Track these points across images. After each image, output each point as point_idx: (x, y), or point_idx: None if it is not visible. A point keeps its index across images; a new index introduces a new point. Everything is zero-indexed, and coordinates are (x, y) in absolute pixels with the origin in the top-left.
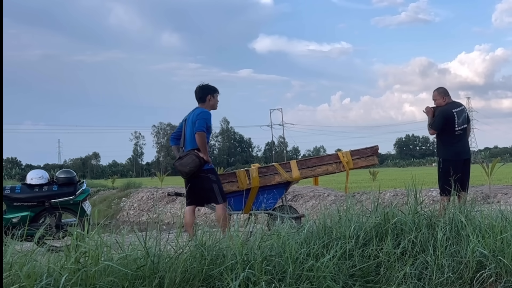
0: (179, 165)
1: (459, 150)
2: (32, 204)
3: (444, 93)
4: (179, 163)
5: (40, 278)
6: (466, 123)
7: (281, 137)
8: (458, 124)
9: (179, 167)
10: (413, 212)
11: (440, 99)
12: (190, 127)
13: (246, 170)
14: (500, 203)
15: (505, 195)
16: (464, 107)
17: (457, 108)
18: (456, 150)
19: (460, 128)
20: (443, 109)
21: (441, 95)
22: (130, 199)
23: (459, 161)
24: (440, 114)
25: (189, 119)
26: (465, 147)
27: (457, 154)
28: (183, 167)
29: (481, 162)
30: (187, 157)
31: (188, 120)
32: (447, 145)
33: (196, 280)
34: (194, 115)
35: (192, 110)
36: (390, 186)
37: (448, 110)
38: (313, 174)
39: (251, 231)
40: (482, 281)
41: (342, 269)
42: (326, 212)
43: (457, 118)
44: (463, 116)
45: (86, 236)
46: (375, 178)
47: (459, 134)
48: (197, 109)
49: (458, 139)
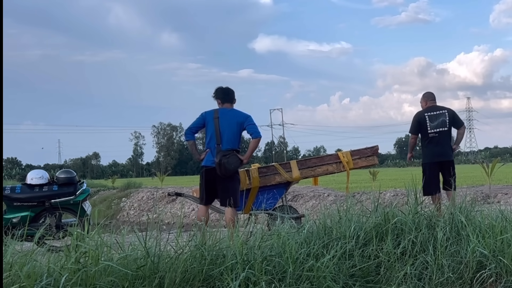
0: (226, 163)
1: (434, 153)
2: (32, 204)
3: (428, 97)
4: (226, 161)
5: (40, 278)
6: (444, 127)
7: (281, 137)
8: (431, 127)
9: (226, 165)
10: (413, 212)
11: (423, 103)
12: (232, 127)
13: (246, 170)
14: (500, 203)
15: (505, 195)
16: (445, 112)
17: (432, 112)
18: (430, 152)
19: (434, 131)
20: (416, 113)
21: (425, 99)
22: (130, 199)
23: (434, 163)
24: (413, 118)
25: (226, 118)
26: (442, 150)
27: (432, 156)
28: (229, 165)
29: (481, 162)
30: (232, 157)
31: (225, 119)
32: (423, 148)
33: (196, 280)
34: (237, 116)
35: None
36: (390, 186)
37: (420, 113)
38: (313, 174)
39: (251, 231)
40: (482, 281)
41: (342, 269)
42: (326, 212)
43: (430, 121)
44: (439, 120)
45: (86, 236)
46: (375, 178)
47: (433, 136)
48: (236, 111)
49: (434, 142)
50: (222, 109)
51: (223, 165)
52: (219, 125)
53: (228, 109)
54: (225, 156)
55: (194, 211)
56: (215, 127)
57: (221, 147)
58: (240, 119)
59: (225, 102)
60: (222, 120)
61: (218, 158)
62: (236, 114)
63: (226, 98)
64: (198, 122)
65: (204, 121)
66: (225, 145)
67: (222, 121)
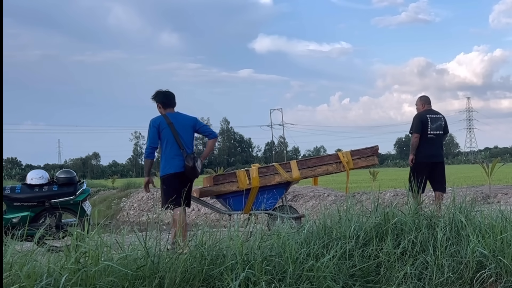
0: (197, 167)
1: (429, 154)
2: (32, 204)
3: (425, 101)
4: (197, 164)
5: (40, 278)
6: (440, 130)
7: (281, 137)
8: (431, 128)
9: (197, 168)
10: (413, 212)
11: (420, 105)
12: (188, 131)
13: (246, 170)
14: (500, 203)
15: (505, 195)
16: (442, 117)
17: (433, 114)
18: (427, 153)
19: (433, 133)
20: (418, 114)
21: (422, 102)
22: (130, 199)
23: (428, 163)
24: (416, 118)
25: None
26: (437, 152)
27: (427, 157)
28: (199, 169)
29: (481, 162)
30: (199, 160)
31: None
32: (419, 147)
33: (196, 280)
34: (188, 119)
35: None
36: (390, 186)
37: (423, 114)
38: (313, 174)
39: (251, 231)
40: (482, 281)
41: (342, 269)
42: (326, 212)
43: (431, 123)
44: (438, 123)
45: (86, 236)
46: (375, 178)
47: (431, 138)
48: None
49: (430, 144)
50: (170, 114)
51: (196, 168)
52: (176, 130)
53: (176, 114)
54: (194, 159)
55: (194, 211)
56: (173, 133)
57: (186, 151)
58: (191, 122)
59: (167, 106)
60: (177, 125)
61: (191, 162)
62: (186, 118)
63: (167, 103)
64: (154, 135)
65: (158, 130)
66: (188, 149)
67: (177, 125)
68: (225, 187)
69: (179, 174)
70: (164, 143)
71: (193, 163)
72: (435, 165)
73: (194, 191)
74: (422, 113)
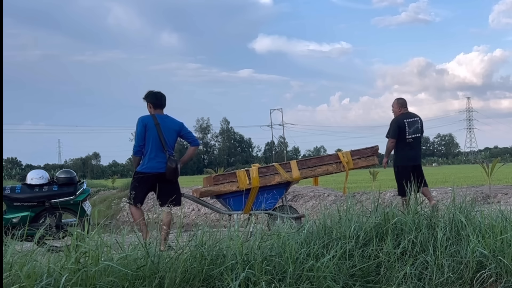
0: (178, 169)
1: (409, 157)
2: (32, 204)
3: (402, 104)
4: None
5: (40, 278)
6: (418, 133)
7: (281, 137)
8: (409, 133)
9: (178, 170)
10: (413, 212)
11: (397, 108)
12: (172, 134)
13: (246, 170)
14: (500, 203)
15: (505, 195)
16: (419, 119)
17: (409, 118)
18: (407, 156)
19: (411, 137)
20: (396, 119)
21: (399, 105)
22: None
23: (409, 166)
24: (394, 123)
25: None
26: (416, 154)
27: (408, 160)
28: (179, 170)
29: (481, 162)
30: (179, 162)
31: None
32: (400, 152)
33: (196, 280)
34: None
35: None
36: (390, 186)
37: (400, 119)
38: (313, 174)
39: (251, 231)
40: (482, 281)
41: (342, 269)
42: (326, 212)
43: (408, 128)
44: (415, 126)
45: (86, 236)
46: (375, 178)
47: (410, 142)
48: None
49: (410, 147)
50: (159, 115)
51: (177, 170)
52: (161, 131)
53: (164, 116)
54: (175, 161)
55: (194, 211)
56: (159, 133)
57: (168, 153)
58: (176, 127)
59: (157, 107)
60: (163, 127)
61: (174, 164)
62: (173, 122)
63: (158, 104)
64: (141, 133)
65: (145, 128)
66: (170, 151)
67: (163, 127)
68: (225, 187)
69: (156, 175)
70: (148, 142)
71: (175, 165)
72: (415, 167)
73: (194, 191)
74: (400, 118)
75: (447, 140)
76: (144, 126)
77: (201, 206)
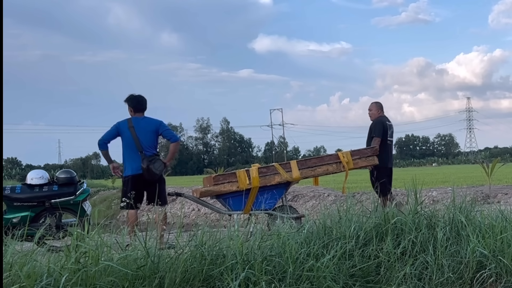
0: (153, 168)
1: (389, 158)
2: (32, 204)
3: (380, 107)
4: (153, 166)
5: (40, 278)
6: (392, 136)
7: (281, 137)
8: (389, 135)
9: (153, 170)
10: (413, 212)
11: (375, 111)
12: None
13: (246, 170)
14: (500, 203)
15: (505, 195)
16: (392, 124)
17: (388, 122)
18: (387, 157)
19: (390, 139)
20: (379, 120)
21: (378, 108)
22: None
23: (388, 168)
24: (378, 123)
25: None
26: (392, 157)
27: (388, 161)
28: (156, 170)
29: (481, 162)
30: (158, 161)
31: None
32: (382, 153)
33: (196, 280)
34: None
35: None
36: None
37: (383, 120)
38: (313, 174)
39: (251, 231)
40: (482, 281)
41: (342, 269)
42: (326, 212)
43: (389, 129)
44: (391, 130)
45: (86, 236)
46: None
47: (389, 144)
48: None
49: (388, 149)
50: (134, 118)
51: (151, 170)
52: (136, 133)
53: (140, 118)
54: (151, 161)
55: (194, 211)
56: (133, 136)
57: (145, 154)
58: (154, 127)
59: (138, 111)
60: (138, 129)
61: (146, 164)
62: (149, 122)
63: (138, 107)
64: (111, 132)
65: (118, 131)
66: (147, 151)
67: (137, 129)
68: (225, 187)
69: (137, 176)
70: (124, 146)
71: (147, 165)
72: (391, 170)
73: (194, 191)
74: (383, 119)
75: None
76: (116, 129)
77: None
